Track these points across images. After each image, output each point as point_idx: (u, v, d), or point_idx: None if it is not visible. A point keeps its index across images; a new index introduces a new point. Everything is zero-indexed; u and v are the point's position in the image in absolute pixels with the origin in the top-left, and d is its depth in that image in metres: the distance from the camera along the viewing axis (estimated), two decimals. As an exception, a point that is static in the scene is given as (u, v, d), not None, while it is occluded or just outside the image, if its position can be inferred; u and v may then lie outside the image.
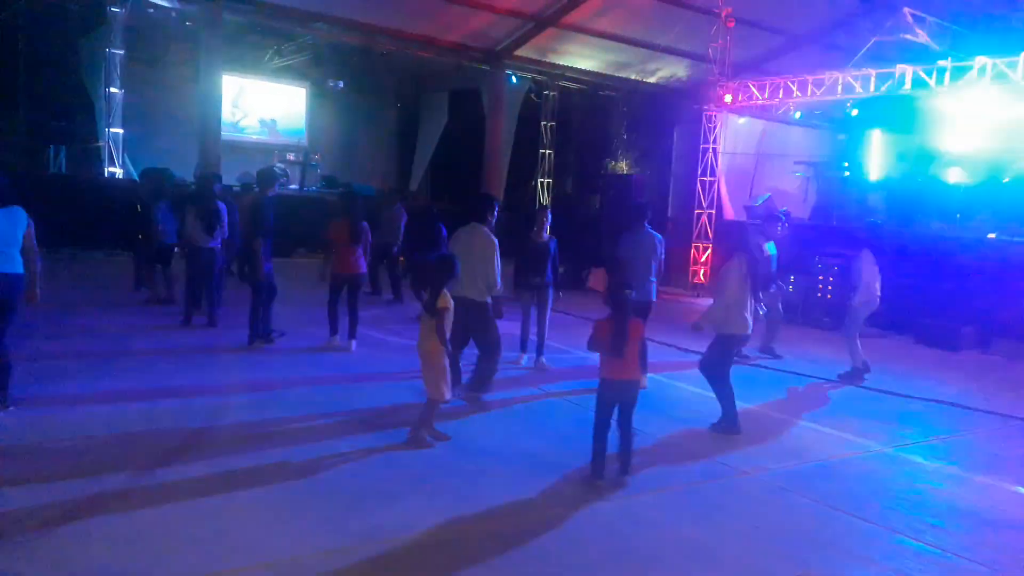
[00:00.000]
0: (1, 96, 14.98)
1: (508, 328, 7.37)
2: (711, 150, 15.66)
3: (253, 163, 15.93)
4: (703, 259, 15.71)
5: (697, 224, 15.77)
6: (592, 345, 4.86)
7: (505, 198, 20.29)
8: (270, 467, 4.79)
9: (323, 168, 20.62)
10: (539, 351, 8.01)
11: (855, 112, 16.14)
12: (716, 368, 6.21)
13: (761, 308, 6.56)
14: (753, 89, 14.56)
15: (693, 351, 9.09)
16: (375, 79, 21.88)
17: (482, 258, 6.26)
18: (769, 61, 17.49)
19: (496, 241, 6.38)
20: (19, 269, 5.39)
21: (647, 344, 6.26)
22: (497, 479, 4.85)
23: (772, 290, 8.82)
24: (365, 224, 8.36)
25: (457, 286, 6.25)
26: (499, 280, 6.31)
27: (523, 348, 8.16)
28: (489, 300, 6.30)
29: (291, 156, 20.16)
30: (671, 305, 13.43)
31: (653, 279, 7.56)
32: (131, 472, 4.52)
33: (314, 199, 17.55)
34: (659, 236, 7.72)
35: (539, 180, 21.37)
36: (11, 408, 5.38)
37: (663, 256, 7.67)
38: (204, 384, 6.57)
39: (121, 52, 15.58)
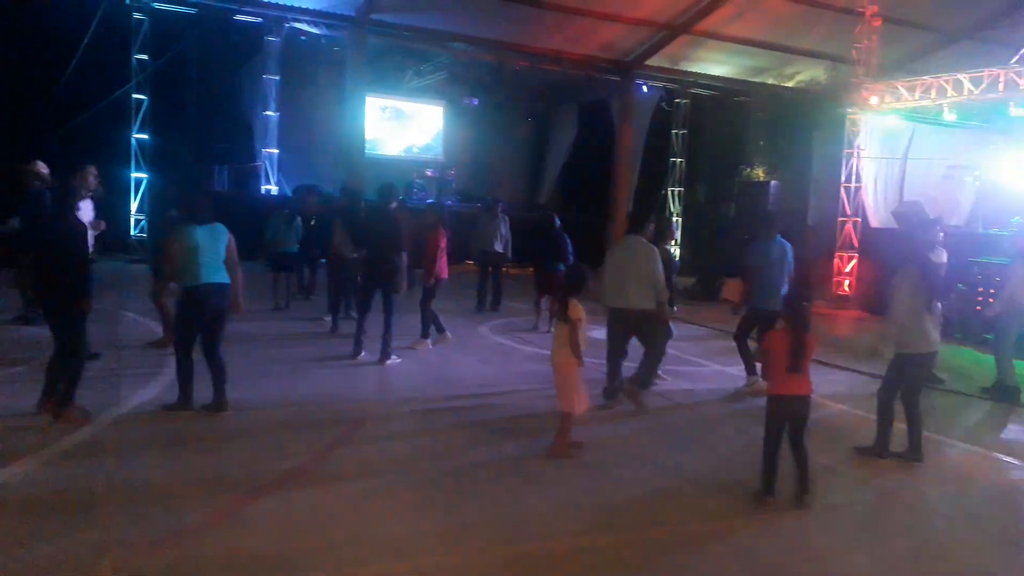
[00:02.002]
0: (173, 121, 16.49)
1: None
2: (855, 155, 14.93)
3: (394, 179, 16.66)
4: (847, 269, 14.97)
5: (841, 233, 15.06)
6: (763, 360, 4.74)
7: (635, 208, 20.19)
8: (409, 471, 5.03)
9: (457, 182, 21.31)
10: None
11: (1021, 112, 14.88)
12: (891, 391, 5.66)
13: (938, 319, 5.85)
14: (902, 90, 13.76)
15: (839, 366, 8.74)
16: (507, 95, 22.37)
17: (646, 267, 6.49)
18: (918, 60, 16.49)
19: (656, 249, 6.65)
20: (226, 279, 5.84)
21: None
22: (637, 490, 4.87)
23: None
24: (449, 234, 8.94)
25: (620, 298, 6.47)
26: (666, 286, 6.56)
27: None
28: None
29: (429, 172, 20.96)
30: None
31: (783, 289, 7.39)
32: (286, 470, 4.89)
33: (449, 213, 18.12)
34: (788, 245, 7.57)
35: (669, 189, 21.11)
36: (229, 412, 5.82)
37: (792, 266, 7.52)
38: (348, 390, 6.95)
39: (276, 78, 16.77)
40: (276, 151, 16.81)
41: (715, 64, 18.30)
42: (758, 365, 7.41)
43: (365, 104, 16.61)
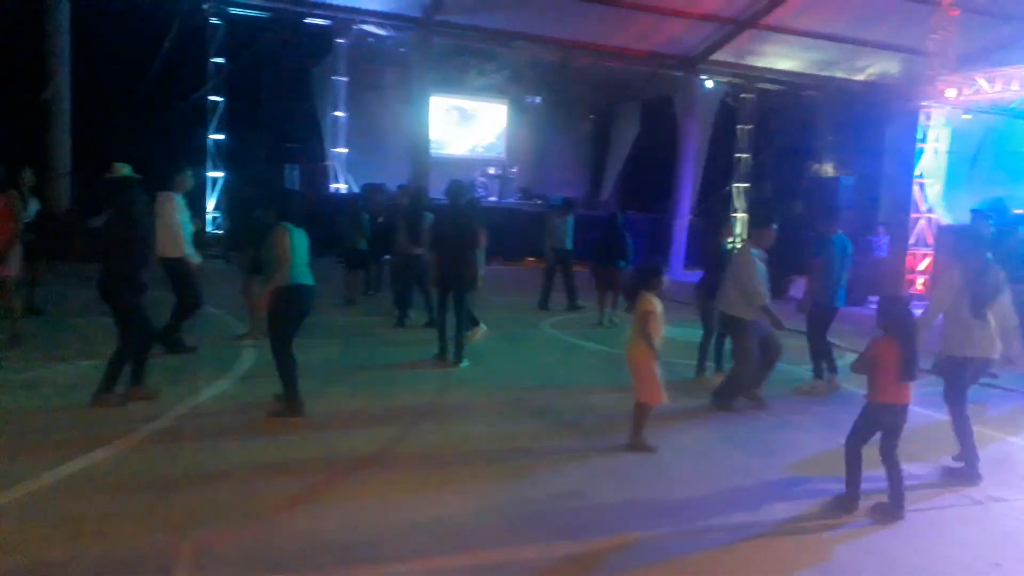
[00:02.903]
0: (247, 122, 17.10)
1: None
2: (931, 150, 14.45)
3: (458, 177, 16.92)
4: (920, 267, 14.51)
5: (914, 229, 14.60)
6: (866, 367, 4.55)
7: (698, 205, 19.98)
8: (476, 463, 5.16)
9: (519, 180, 21.45)
10: (719, 362, 7.86)
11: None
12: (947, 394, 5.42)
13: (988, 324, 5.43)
14: (982, 82, 13.25)
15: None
16: (569, 92, 22.38)
17: (738, 273, 6.50)
18: (998, 51, 15.80)
19: (752, 257, 6.60)
20: (313, 280, 5.97)
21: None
22: (706, 488, 4.86)
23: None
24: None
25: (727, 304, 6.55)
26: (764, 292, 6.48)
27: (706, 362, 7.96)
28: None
29: (491, 170, 21.16)
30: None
31: (843, 286, 7.36)
32: (356, 459, 5.07)
33: (511, 210, 18.35)
34: (849, 242, 7.51)
35: (735, 186, 20.79)
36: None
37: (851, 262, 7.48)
38: (415, 384, 7.12)
39: (345, 79, 17.19)
40: (345, 150, 17.23)
41: (782, 58, 17.93)
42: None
43: (429, 103, 16.89)
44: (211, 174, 16.43)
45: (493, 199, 19.68)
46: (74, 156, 13.79)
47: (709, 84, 19.18)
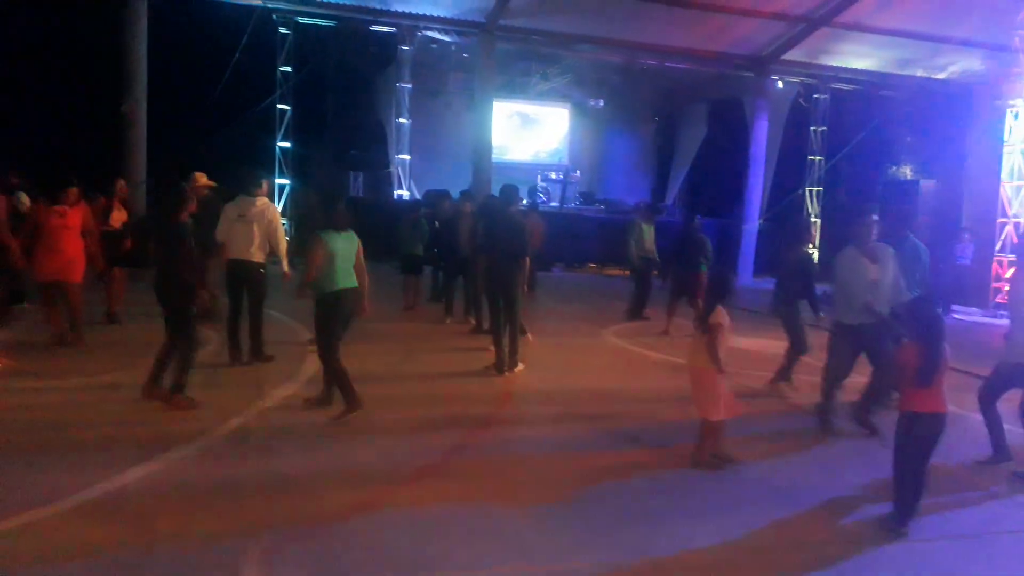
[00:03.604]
0: (313, 129, 17.43)
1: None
2: (1018, 150, 13.70)
3: (519, 182, 16.86)
4: (1008, 275, 13.75)
5: (1001, 234, 13.85)
6: (898, 374, 4.41)
7: (769, 209, 19.45)
8: (537, 474, 5.03)
9: (581, 185, 21.28)
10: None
11: None
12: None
13: None
14: (1075, 78, 12.52)
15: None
16: (633, 95, 22.14)
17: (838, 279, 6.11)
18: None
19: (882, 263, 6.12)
20: (355, 283, 6.00)
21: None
22: (777, 508, 4.63)
23: None
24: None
25: (847, 313, 6.06)
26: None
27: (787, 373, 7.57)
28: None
29: (553, 175, 21.05)
30: (965, 326, 11.95)
31: (914, 294, 6.71)
32: (418, 467, 4.99)
33: (573, 215, 18.18)
34: (923, 246, 7.00)
35: (808, 189, 20.16)
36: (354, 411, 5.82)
37: (927, 268, 6.98)
38: (475, 393, 7.01)
39: (408, 86, 17.33)
40: (408, 157, 17.36)
41: (857, 57, 17.31)
42: None
43: (492, 109, 16.87)
44: (279, 181, 16.75)
45: (554, 204, 19.54)
46: (149, 164, 14.21)
47: (780, 84, 18.68)
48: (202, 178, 8.48)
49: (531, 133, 22.10)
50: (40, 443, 5.03)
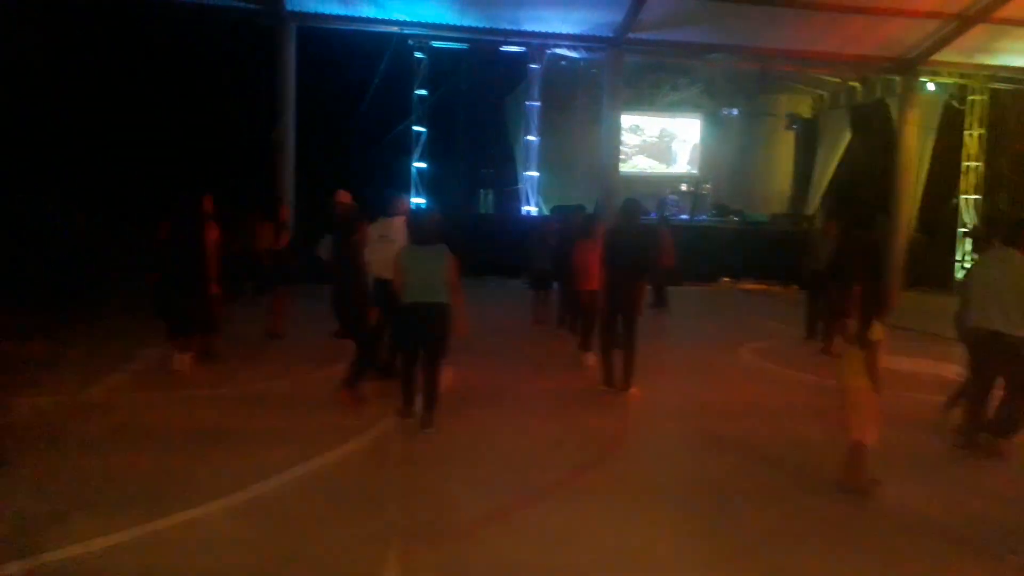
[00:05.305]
0: (446, 150, 17.99)
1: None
2: None
3: (648, 195, 16.69)
4: None
5: None
6: None
7: (920, 219, 18.23)
8: (667, 493, 4.95)
9: (712, 196, 20.74)
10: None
11: None
12: None
13: None
14: None
15: None
16: (768, 103, 21.41)
17: (1018, 286, 5.59)
18: None
19: None
20: (437, 299, 5.76)
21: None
22: (931, 542, 4.35)
23: None
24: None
25: (983, 318, 5.71)
26: None
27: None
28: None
29: (684, 187, 20.65)
30: None
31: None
32: (547, 482, 5.02)
33: (704, 228, 17.78)
34: None
35: (963, 196, 18.71)
36: (432, 430, 5.90)
37: None
38: (600, 411, 6.94)
39: (537, 104, 17.56)
40: (536, 174, 17.57)
41: (1019, 55, 15.95)
42: None
43: (620, 122, 16.80)
44: (415, 200, 17.39)
45: (684, 217, 19.15)
46: (296, 186, 15.14)
47: (931, 86, 17.49)
48: (345, 196, 8.93)
49: (660, 144, 21.82)
50: (197, 445, 5.44)
